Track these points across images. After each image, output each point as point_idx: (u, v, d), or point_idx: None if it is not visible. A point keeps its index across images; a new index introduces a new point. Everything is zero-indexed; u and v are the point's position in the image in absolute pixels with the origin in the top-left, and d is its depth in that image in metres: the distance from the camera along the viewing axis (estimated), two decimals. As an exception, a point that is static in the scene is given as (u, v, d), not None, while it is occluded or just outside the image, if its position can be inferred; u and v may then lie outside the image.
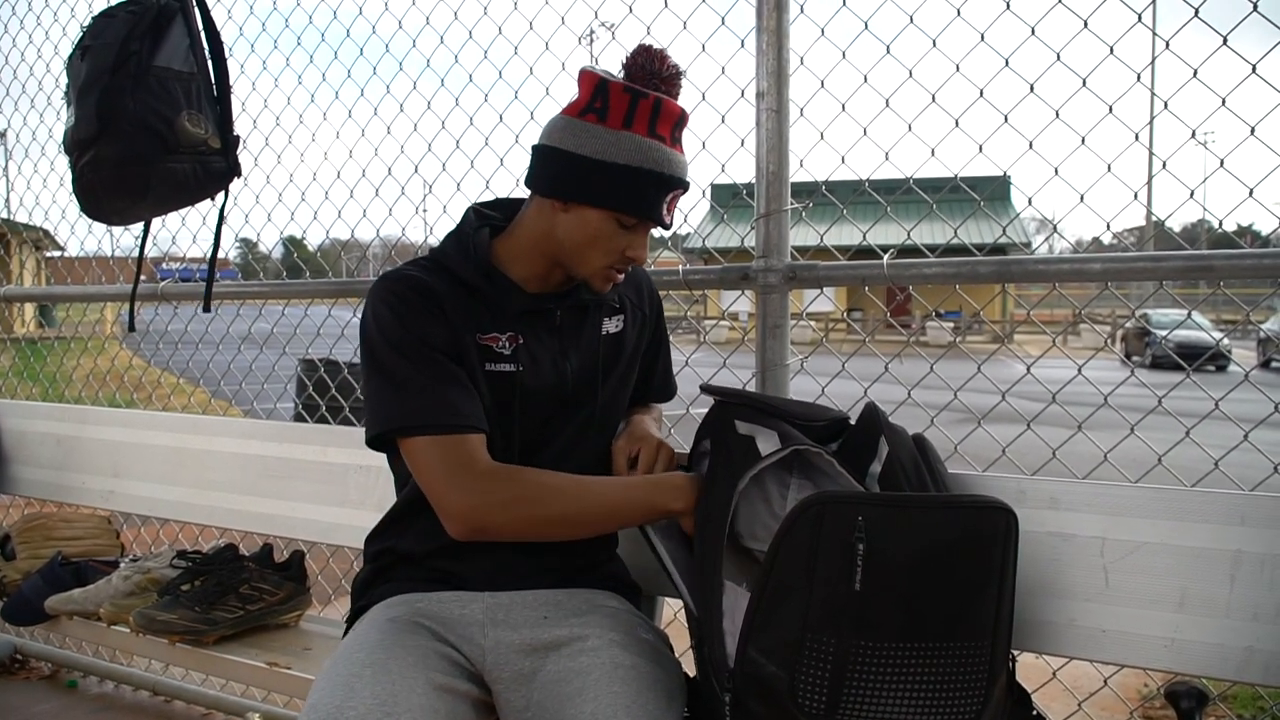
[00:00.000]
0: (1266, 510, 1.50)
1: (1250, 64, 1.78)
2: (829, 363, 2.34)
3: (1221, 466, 1.87)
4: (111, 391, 4.05)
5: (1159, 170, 1.96)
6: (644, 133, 1.51)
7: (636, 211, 1.53)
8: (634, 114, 1.51)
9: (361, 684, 1.38)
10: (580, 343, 1.68)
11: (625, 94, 1.51)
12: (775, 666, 1.29)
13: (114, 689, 3.26)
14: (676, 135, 1.56)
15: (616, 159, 1.50)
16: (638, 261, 1.60)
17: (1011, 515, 1.34)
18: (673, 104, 1.54)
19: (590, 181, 1.52)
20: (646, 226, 1.57)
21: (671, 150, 1.54)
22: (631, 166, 1.50)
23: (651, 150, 1.51)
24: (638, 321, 1.79)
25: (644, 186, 1.51)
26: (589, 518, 1.55)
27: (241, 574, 2.23)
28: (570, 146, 1.52)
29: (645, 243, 1.59)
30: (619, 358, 1.74)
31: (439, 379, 1.52)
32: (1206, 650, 1.51)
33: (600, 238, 1.55)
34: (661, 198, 1.54)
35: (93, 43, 2.15)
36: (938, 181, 2.41)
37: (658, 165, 1.51)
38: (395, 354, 1.53)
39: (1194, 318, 2.15)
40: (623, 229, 1.55)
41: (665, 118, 1.53)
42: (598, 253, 1.56)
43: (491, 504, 1.49)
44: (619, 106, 1.51)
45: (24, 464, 3.06)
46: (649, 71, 1.53)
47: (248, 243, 3.95)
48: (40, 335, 6.00)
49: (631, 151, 1.50)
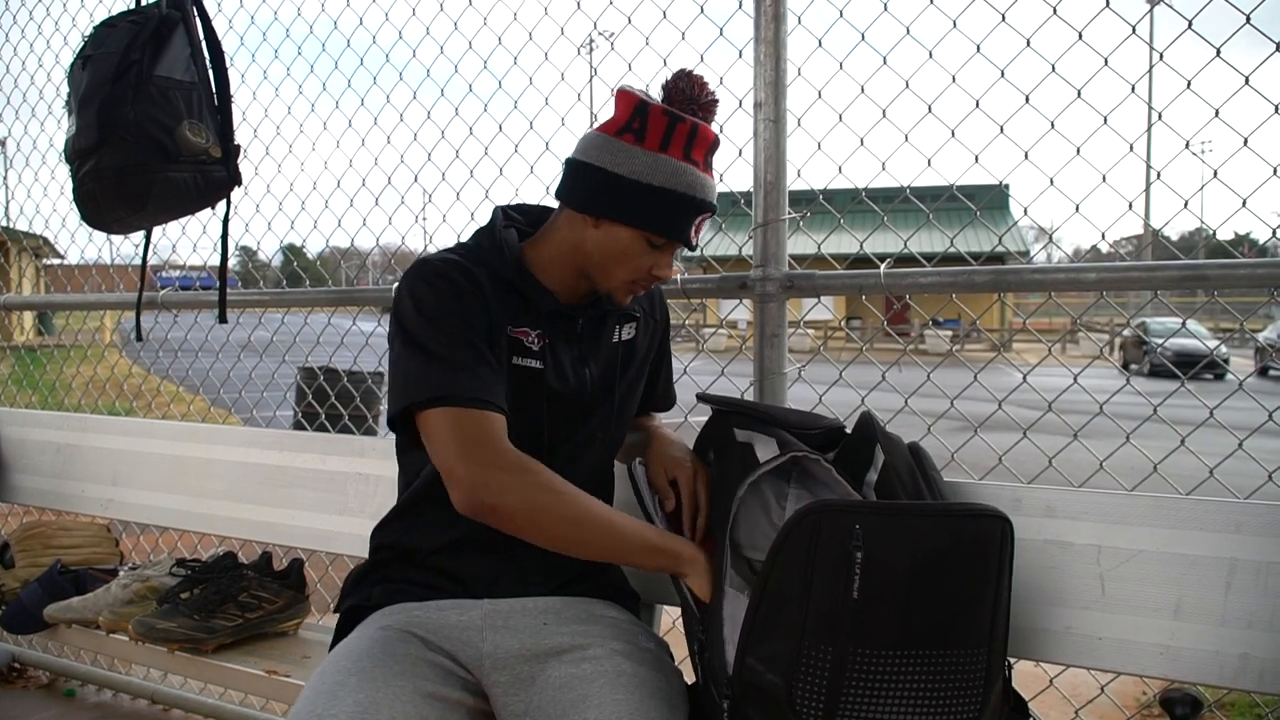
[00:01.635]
0: (1262, 518, 1.51)
1: (1244, 75, 1.79)
2: (827, 371, 2.35)
3: (1217, 475, 1.87)
4: (111, 399, 4.06)
5: (1154, 180, 1.97)
6: (679, 156, 1.54)
7: (668, 233, 1.56)
8: (671, 137, 1.54)
9: (345, 691, 1.38)
10: (599, 350, 1.71)
11: (664, 117, 1.54)
12: (773, 674, 1.29)
13: (112, 697, 3.25)
14: (709, 160, 1.59)
15: (652, 180, 1.53)
16: (663, 279, 1.63)
17: (1007, 523, 1.35)
18: (708, 129, 1.57)
19: (624, 200, 1.54)
20: (674, 247, 1.60)
21: (704, 175, 1.57)
22: (666, 189, 1.53)
23: (686, 174, 1.54)
24: (649, 330, 1.82)
25: (676, 209, 1.55)
26: (596, 536, 1.49)
27: (240, 582, 2.24)
28: (606, 164, 1.54)
29: (671, 261, 1.63)
30: (631, 363, 1.77)
31: (471, 358, 1.50)
32: (1202, 657, 1.51)
33: (629, 255, 1.58)
34: (691, 220, 1.57)
35: (94, 52, 2.16)
36: (934, 191, 2.42)
37: (691, 189, 1.54)
38: (431, 329, 1.51)
39: (1190, 326, 2.16)
40: (651, 248, 1.58)
41: (700, 143, 1.56)
42: (625, 269, 1.59)
43: (508, 485, 1.44)
44: (657, 129, 1.53)
45: (23, 472, 3.06)
46: (688, 97, 1.57)
47: (247, 251, 3.96)
48: (40, 343, 6.00)
49: (667, 174, 1.53)
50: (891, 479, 1.54)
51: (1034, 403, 2.09)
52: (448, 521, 1.56)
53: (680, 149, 1.54)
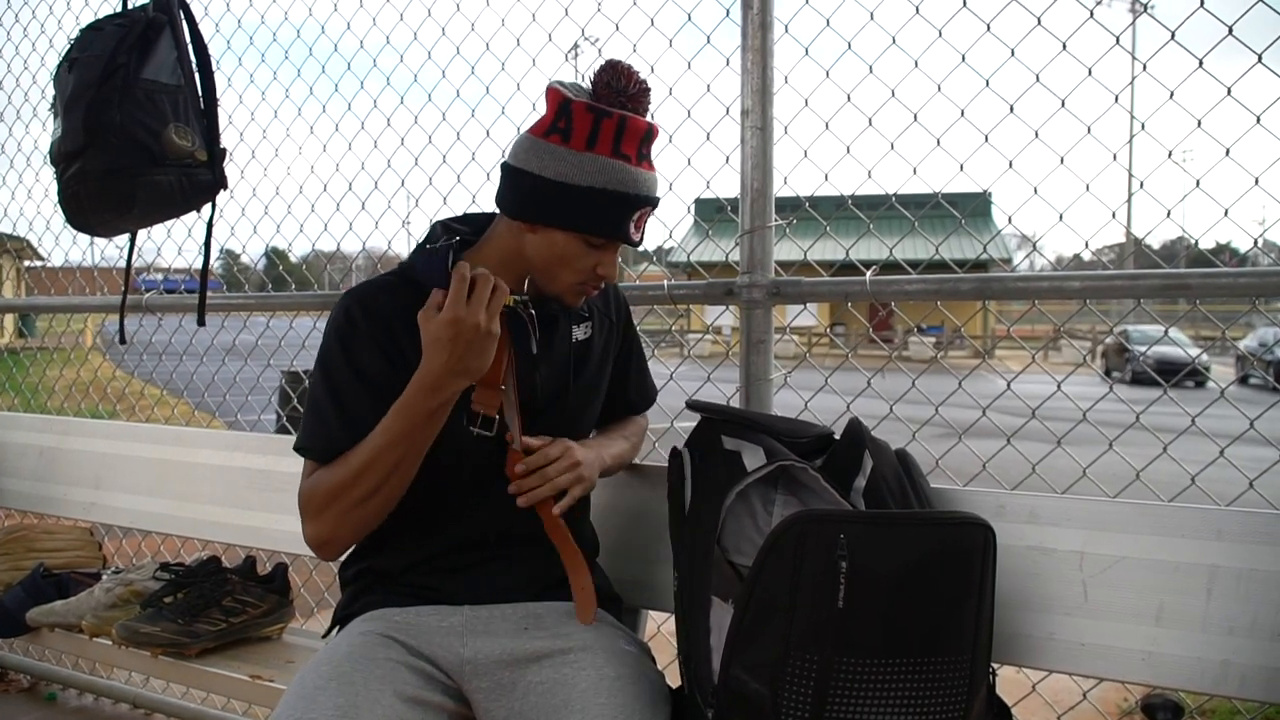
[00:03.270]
0: (1243, 525, 1.52)
1: (1226, 86, 1.81)
2: (812, 377, 2.36)
3: (1199, 482, 1.89)
4: (94, 403, 4.03)
5: (1137, 189, 1.99)
6: (608, 153, 1.49)
7: (602, 232, 1.53)
8: (598, 134, 1.49)
9: (324, 696, 1.38)
10: (551, 350, 1.68)
11: (589, 114, 1.49)
12: (759, 684, 1.30)
13: (94, 702, 3.23)
14: (644, 151, 1.54)
15: (580, 181, 1.49)
16: (608, 279, 1.60)
17: (990, 531, 1.36)
18: (638, 120, 1.52)
19: (554, 204, 1.51)
20: (614, 246, 1.57)
21: (637, 169, 1.52)
22: (595, 188, 1.49)
23: (615, 171, 1.49)
24: (604, 328, 1.79)
25: (608, 207, 1.51)
26: (384, 473, 1.49)
27: (224, 586, 2.22)
28: (534, 168, 1.51)
29: (615, 260, 1.59)
30: (586, 363, 1.74)
31: (339, 406, 1.55)
32: (1184, 663, 1.52)
33: (568, 258, 1.55)
34: (628, 217, 1.53)
35: (80, 55, 2.15)
36: (919, 198, 2.44)
37: (622, 185, 1.50)
38: (321, 374, 1.59)
39: (1172, 334, 2.18)
40: (591, 248, 1.54)
41: (630, 136, 1.51)
42: (567, 271, 1.56)
43: (317, 532, 1.54)
44: (582, 127, 1.49)
45: (5, 475, 3.04)
46: (614, 89, 1.51)
47: (231, 254, 3.95)
48: (21, 345, 5.96)
49: (595, 173, 1.49)
50: (879, 485, 1.54)
51: (1017, 409, 2.11)
52: (411, 544, 1.62)
53: (608, 145, 1.49)
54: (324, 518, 1.53)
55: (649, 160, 1.55)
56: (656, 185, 1.57)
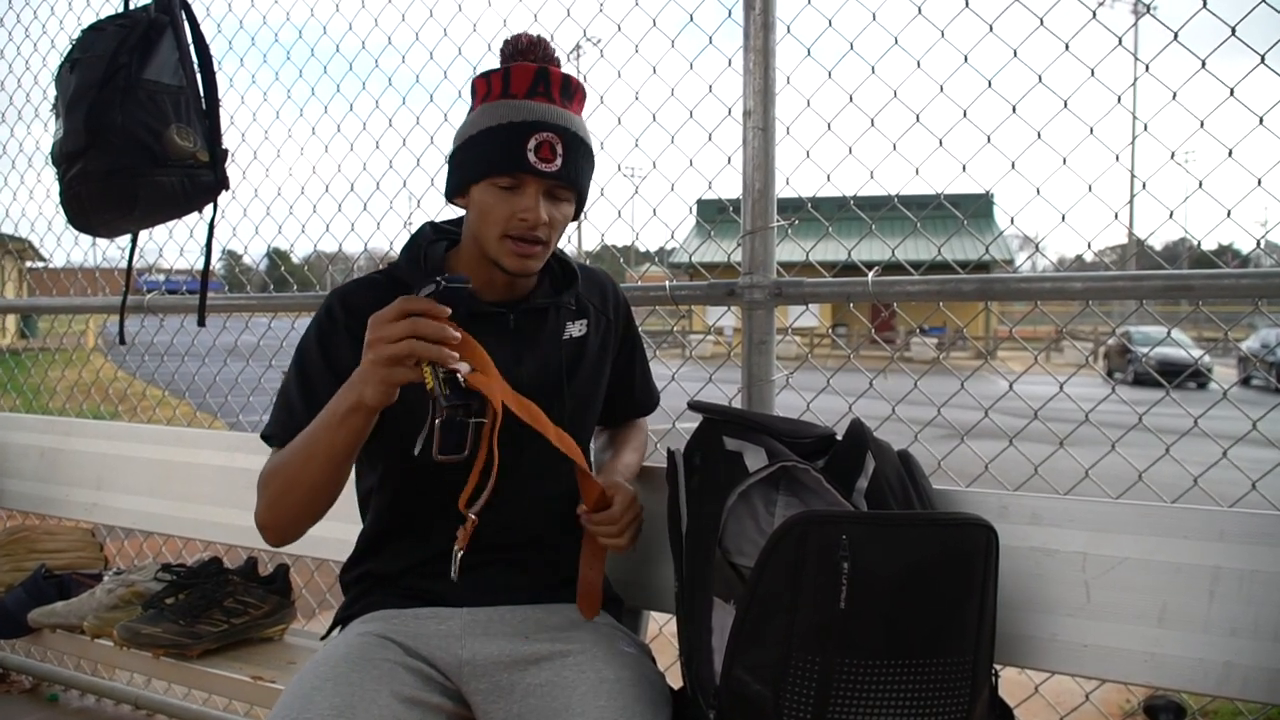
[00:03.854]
0: (1245, 526, 1.52)
1: (1229, 87, 1.81)
2: (814, 378, 2.35)
3: (1201, 483, 1.89)
4: (95, 404, 4.03)
5: (1139, 190, 1.99)
6: (497, 98, 1.53)
7: (498, 168, 1.51)
8: (490, 90, 1.54)
9: (320, 696, 1.38)
10: (538, 348, 1.66)
11: (481, 78, 1.56)
12: (760, 685, 1.29)
13: (96, 703, 3.23)
14: (539, 90, 1.53)
15: (473, 131, 1.53)
16: (531, 223, 1.52)
17: (992, 532, 1.35)
18: (525, 65, 1.53)
19: (459, 165, 1.56)
20: (526, 182, 1.51)
21: (525, 101, 1.51)
22: (481, 129, 1.52)
23: (499, 109, 1.52)
24: (602, 326, 1.77)
25: (496, 143, 1.51)
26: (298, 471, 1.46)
27: (226, 587, 2.22)
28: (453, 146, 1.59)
29: (535, 203, 1.52)
30: (582, 362, 1.72)
31: (308, 399, 1.55)
32: (1186, 665, 1.52)
33: (486, 209, 1.54)
34: (521, 145, 1.49)
35: (81, 55, 2.15)
36: (922, 199, 2.44)
37: (505, 118, 1.50)
38: (296, 369, 1.61)
39: (1174, 335, 2.17)
40: (504, 191, 1.52)
41: (518, 79, 1.53)
42: (490, 225, 1.54)
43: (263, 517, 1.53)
44: (480, 90, 1.56)
45: (7, 476, 3.04)
46: (506, 54, 1.57)
47: (233, 255, 3.95)
48: (23, 346, 5.96)
49: (481, 119, 1.53)
50: (882, 486, 1.54)
51: (1020, 410, 2.10)
52: (410, 547, 1.63)
53: (497, 93, 1.53)
54: (261, 505, 1.54)
55: (546, 96, 1.53)
56: (557, 114, 1.53)
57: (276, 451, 1.57)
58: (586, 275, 1.78)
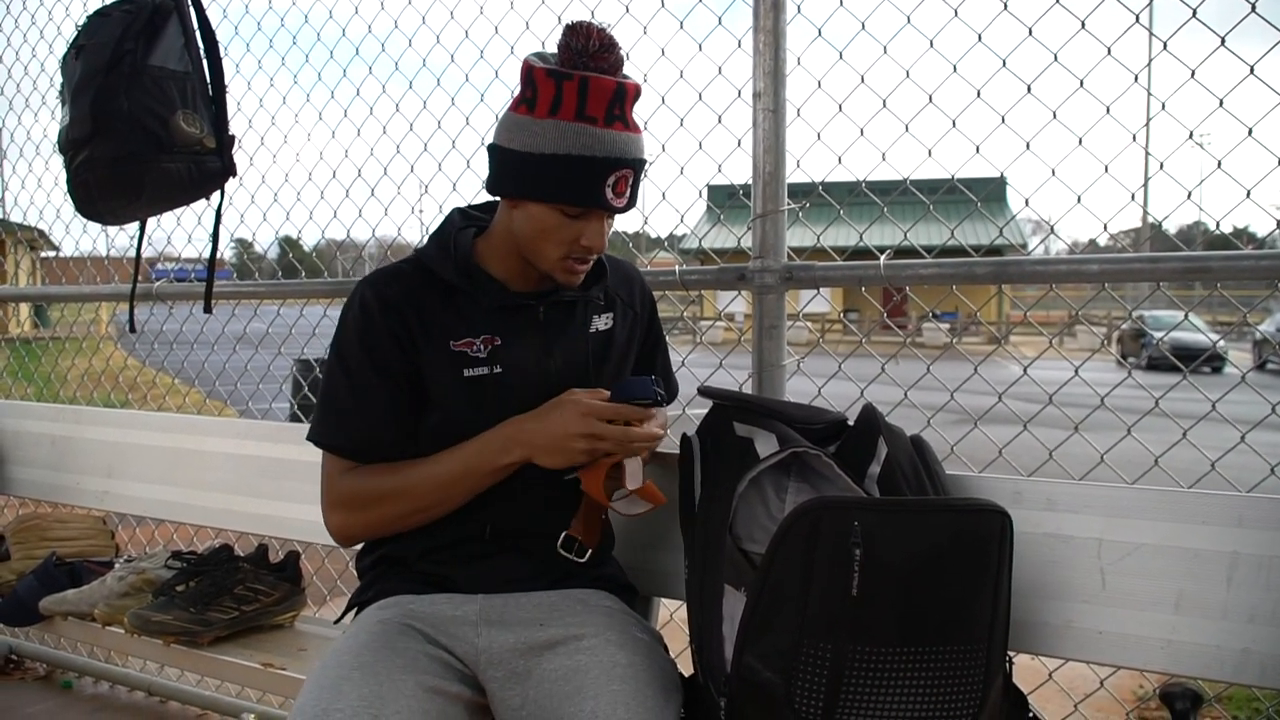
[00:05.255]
0: (1263, 512, 1.50)
1: (1248, 65, 1.78)
2: (825, 364, 2.33)
3: (1218, 468, 1.86)
4: (106, 392, 4.04)
5: (1156, 171, 1.96)
6: (571, 117, 1.45)
7: (575, 200, 1.48)
8: (561, 99, 1.45)
9: (349, 686, 1.38)
10: (566, 340, 1.66)
11: (550, 79, 1.45)
12: (771, 673, 1.28)
13: (109, 689, 3.25)
14: (616, 112, 1.47)
15: (544, 149, 1.46)
16: (594, 250, 1.54)
17: (1006, 517, 1.34)
18: (604, 80, 1.45)
19: (524, 176, 1.49)
20: (596, 214, 1.51)
21: (605, 131, 1.46)
22: (559, 155, 1.45)
23: (579, 135, 1.45)
24: (628, 319, 1.76)
25: (576, 174, 1.46)
26: (432, 501, 1.57)
27: (236, 575, 2.22)
28: (505, 142, 1.50)
29: (601, 230, 1.53)
30: (609, 355, 1.71)
31: (363, 402, 1.59)
32: (1203, 652, 1.50)
33: (548, 230, 1.51)
34: (600, 181, 1.47)
35: (87, 42, 2.14)
36: (934, 182, 2.41)
37: (588, 149, 1.45)
38: (341, 371, 1.61)
39: (1190, 319, 2.15)
40: (570, 219, 1.50)
41: (596, 97, 1.45)
42: (550, 245, 1.52)
43: (349, 526, 1.62)
44: (546, 94, 1.46)
45: (19, 464, 3.05)
46: (575, 50, 1.46)
47: (243, 243, 3.95)
48: (35, 335, 5.99)
49: (557, 140, 1.45)
50: (894, 472, 1.53)
51: (1033, 396, 2.08)
52: (424, 533, 1.62)
53: (572, 109, 1.44)
54: (360, 519, 1.61)
55: (622, 120, 1.48)
56: (634, 146, 1.50)
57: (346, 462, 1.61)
58: (615, 268, 1.76)
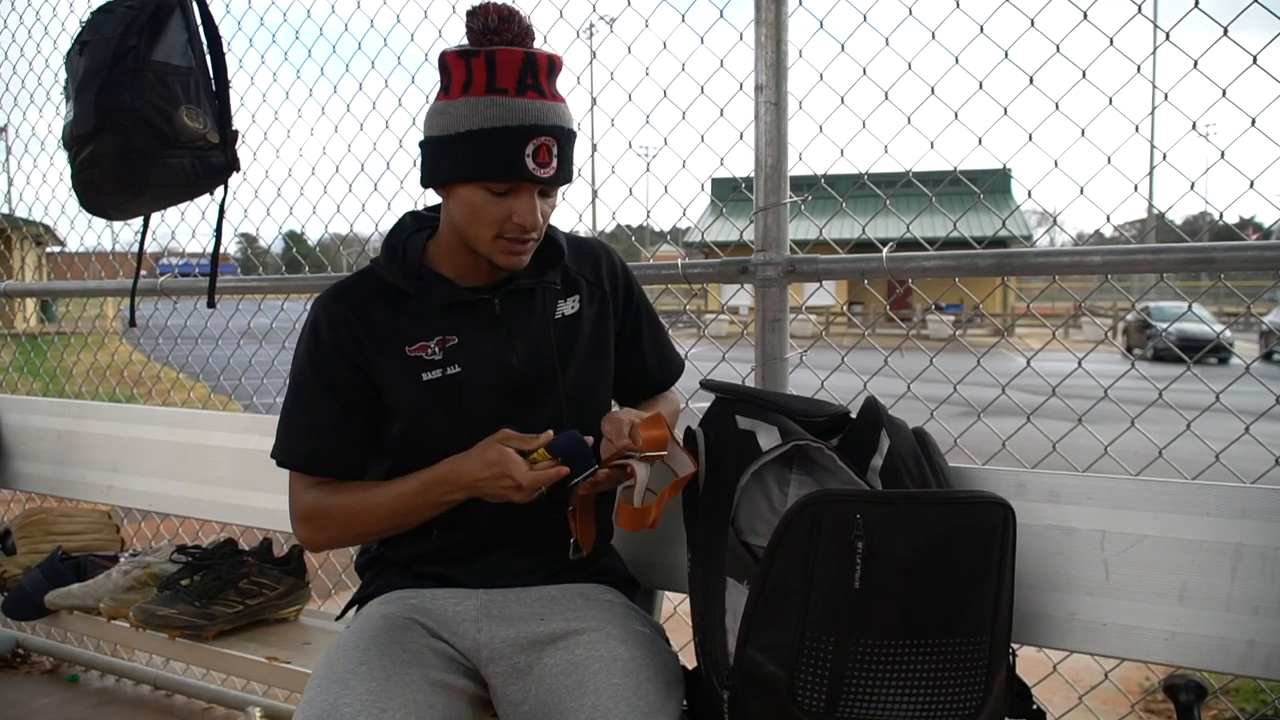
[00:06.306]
0: (1268, 503, 1.49)
1: (1251, 55, 1.77)
2: (829, 356, 2.33)
3: (1223, 459, 1.86)
4: (112, 386, 4.05)
5: (1159, 162, 1.95)
6: (482, 92, 1.43)
7: (494, 174, 1.45)
8: (471, 77, 1.44)
9: (356, 680, 1.39)
10: (529, 330, 1.63)
11: (460, 59, 1.45)
12: (774, 665, 1.29)
13: (115, 683, 3.26)
14: (528, 82, 1.45)
15: (458, 128, 1.45)
16: (528, 228, 1.50)
17: (1009, 510, 1.34)
18: (511, 52, 1.44)
19: (443, 160, 1.48)
20: (524, 188, 1.48)
21: (518, 100, 1.44)
22: (474, 130, 1.43)
23: (489, 107, 1.43)
24: (596, 299, 1.72)
25: (490, 147, 1.44)
26: (387, 526, 1.61)
27: (241, 569, 2.23)
28: (428, 131, 1.51)
29: (531, 205, 1.48)
30: (577, 340, 1.67)
31: (313, 419, 1.63)
32: (1208, 644, 1.50)
33: (477, 210, 1.48)
34: (517, 152, 1.44)
35: (91, 38, 2.14)
36: (937, 175, 2.40)
37: (500, 120, 1.43)
38: (293, 391, 1.65)
39: (1194, 310, 2.14)
40: (497, 196, 1.47)
41: (506, 69, 1.43)
42: (483, 226, 1.50)
43: (308, 536, 1.65)
44: (458, 76, 1.45)
45: (24, 459, 3.06)
46: (478, 31, 1.46)
47: (248, 238, 3.95)
48: (41, 330, 6.00)
49: (469, 115, 1.44)
50: (897, 465, 1.52)
51: (1037, 387, 2.08)
52: (420, 535, 1.63)
53: (482, 84, 1.43)
54: (321, 534, 1.65)
55: (536, 89, 1.46)
56: (551, 113, 1.47)
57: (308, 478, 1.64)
58: (576, 247, 1.73)
